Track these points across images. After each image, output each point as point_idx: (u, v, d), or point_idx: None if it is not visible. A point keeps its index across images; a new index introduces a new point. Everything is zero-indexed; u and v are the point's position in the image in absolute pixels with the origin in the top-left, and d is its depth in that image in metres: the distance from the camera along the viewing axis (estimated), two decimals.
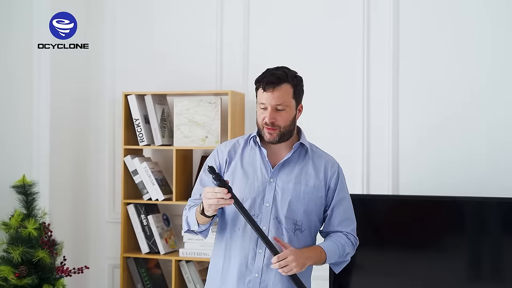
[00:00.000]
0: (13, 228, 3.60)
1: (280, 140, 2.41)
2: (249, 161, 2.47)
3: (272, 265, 2.28)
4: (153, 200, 3.86)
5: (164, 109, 3.97)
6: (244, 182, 2.43)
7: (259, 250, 2.38)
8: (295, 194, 2.41)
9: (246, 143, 2.51)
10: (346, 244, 2.46)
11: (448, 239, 3.53)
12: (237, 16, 4.00)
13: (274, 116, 2.38)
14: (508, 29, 3.59)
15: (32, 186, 3.71)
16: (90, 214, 4.23)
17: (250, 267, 2.39)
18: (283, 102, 2.38)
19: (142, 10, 4.18)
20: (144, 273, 3.92)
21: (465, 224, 3.51)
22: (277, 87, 2.37)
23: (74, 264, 3.78)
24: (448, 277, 3.49)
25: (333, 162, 2.51)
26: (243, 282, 2.39)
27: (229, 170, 2.48)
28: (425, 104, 3.73)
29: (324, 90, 3.81)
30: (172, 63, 4.13)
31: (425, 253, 3.56)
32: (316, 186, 2.44)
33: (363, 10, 3.79)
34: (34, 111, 3.96)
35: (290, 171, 2.44)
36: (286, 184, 2.42)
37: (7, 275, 3.47)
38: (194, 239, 3.78)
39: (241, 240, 2.42)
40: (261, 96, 2.41)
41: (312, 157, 2.48)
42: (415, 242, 3.60)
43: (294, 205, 2.41)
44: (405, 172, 3.75)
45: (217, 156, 2.53)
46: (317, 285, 3.52)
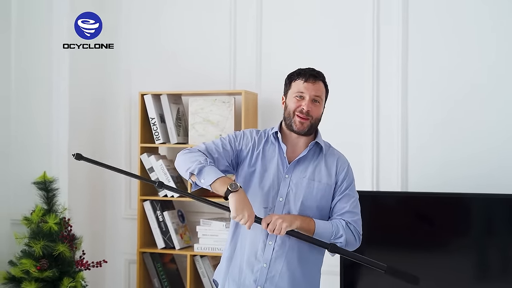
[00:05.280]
0: (34, 223, 3.69)
1: (308, 131, 2.50)
2: (268, 155, 2.53)
3: (270, 232, 2.35)
4: (168, 197, 3.92)
5: (179, 109, 4.04)
6: (262, 174, 2.50)
7: (269, 241, 2.46)
8: (308, 191, 2.47)
9: (268, 137, 2.58)
10: (341, 226, 2.46)
11: (459, 236, 3.53)
12: (250, 19, 4.05)
13: (311, 106, 2.48)
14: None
15: (52, 182, 3.80)
16: (107, 211, 4.30)
17: (259, 257, 2.46)
18: (320, 94, 2.51)
19: (157, 12, 4.24)
20: (160, 268, 3.98)
21: (475, 221, 3.53)
22: (317, 81, 2.51)
23: (92, 259, 3.87)
24: (456, 273, 3.50)
25: (344, 160, 2.58)
26: (251, 271, 2.47)
27: (252, 160, 2.52)
28: (433, 101, 3.74)
29: (335, 87, 3.74)
30: (187, 64, 4.18)
31: (435, 251, 3.56)
32: (329, 184, 2.51)
33: (372, 9, 3.82)
34: (53, 111, 4.05)
35: (304, 169, 2.50)
36: (300, 181, 2.48)
37: (29, 268, 3.57)
38: (208, 235, 3.84)
39: (252, 231, 2.47)
40: (300, 86, 2.50)
41: (325, 156, 2.55)
42: (424, 239, 3.60)
43: (307, 201, 2.47)
44: (414, 168, 3.76)
45: (242, 139, 2.58)
46: (328, 280, 3.55)
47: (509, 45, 3.64)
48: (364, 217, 2.64)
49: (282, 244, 2.46)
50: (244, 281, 2.48)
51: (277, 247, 2.46)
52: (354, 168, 2.66)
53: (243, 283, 2.48)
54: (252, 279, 2.47)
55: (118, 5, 4.30)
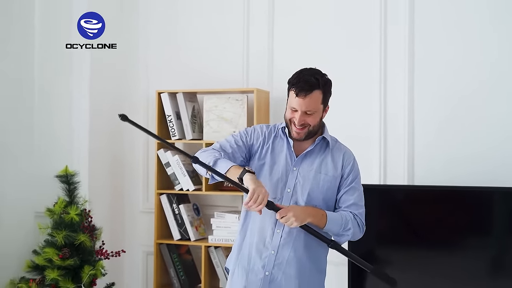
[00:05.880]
0: (57, 214, 3.77)
1: (306, 137, 2.55)
2: (277, 149, 2.61)
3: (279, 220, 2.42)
4: (184, 191, 3.99)
5: (194, 106, 4.11)
6: (270, 167, 2.58)
7: (277, 230, 2.54)
8: (315, 182, 2.55)
9: (277, 132, 2.65)
10: (350, 220, 2.53)
11: (466, 230, 3.58)
12: (262, 20, 4.12)
13: (304, 119, 2.49)
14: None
15: (74, 176, 3.88)
16: (125, 204, 4.38)
17: (267, 244, 2.55)
18: (312, 108, 2.49)
19: (173, 16, 4.32)
20: (176, 258, 4.06)
21: (481, 215, 3.57)
22: (309, 94, 2.46)
23: (111, 250, 3.94)
24: (462, 265, 3.54)
25: (350, 154, 2.64)
26: (260, 257, 2.56)
27: (262, 153, 2.60)
28: (439, 98, 3.79)
29: (344, 85, 3.86)
30: (201, 63, 4.24)
31: (444, 245, 3.60)
32: (335, 176, 2.58)
33: (380, 10, 3.87)
34: (74, 109, 4.12)
35: (311, 162, 2.58)
36: (307, 173, 2.56)
37: (51, 257, 3.66)
38: (222, 227, 3.92)
39: (261, 219, 2.57)
40: (292, 100, 2.50)
41: (332, 150, 2.61)
42: (431, 232, 3.64)
43: (313, 193, 2.55)
44: (420, 163, 3.81)
45: (253, 134, 2.65)
46: (336, 270, 3.70)
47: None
48: (371, 209, 2.72)
49: (289, 232, 2.53)
50: (253, 267, 2.56)
51: (285, 235, 2.53)
52: (363, 162, 2.73)
53: (252, 269, 2.57)
54: (261, 265, 2.55)
55: (135, 7, 4.36)
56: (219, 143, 2.64)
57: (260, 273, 2.56)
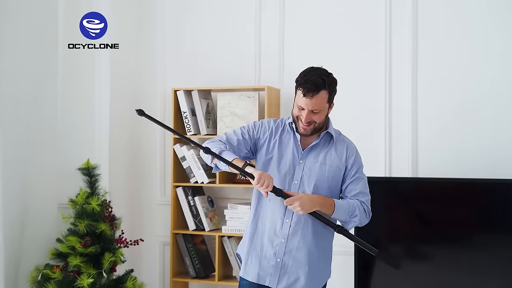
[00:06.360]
0: (79, 204, 3.84)
1: (312, 133, 2.67)
2: (284, 143, 2.73)
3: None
4: (199, 183, 4.08)
5: (208, 103, 4.20)
6: (278, 160, 2.70)
7: (286, 219, 2.67)
8: (320, 173, 2.68)
9: (284, 127, 2.76)
10: (357, 207, 2.65)
11: (470, 221, 3.64)
12: (273, 22, 4.20)
13: (310, 117, 2.61)
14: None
15: (95, 168, 3.93)
16: (143, 196, 4.45)
17: (278, 233, 2.68)
18: (318, 107, 2.59)
19: (187, 18, 4.40)
20: (191, 248, 4.14)
21: (484, 206, 3.63)
22: (316, 95, 2.55)
23: (129, 239, 4.01)
24: (468, 257, 3.63)
25: (352, 147, 2.76)
26: (271, 245, 2.69)
27: (270, 147, 2.72)
28: (441, 97, 3.87)
29: (351, 86, 3.95)
30: (215, 62, 4.32)
31: (448, 236, 3.66)
32: (339, 167, 2.70)
33: (385, 12, 3.96)
34: (96, 106, 4.18)
35: (316, 155, 2.71)
36: (313, 165, 2.69)
37: (74, 244, 3.73)
38: (235, 217, 4.01)
39: (271, 210, 2.70)
40: (300, 99, 2.59)
41: (335, 143, 2.73)
42: (435, 222, 3.70)
43: (319, 183, 2.68)
44: (423, 157, 3.89)
45: (260, 128, 2.77)
46: (343, 260, 3.78)
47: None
48: (377, 200, 2.84)
49: (297, 221, 2.67)
50: (266, 254, 2.70)
51: (293, 224, 2.66)
52: (369, 156, 2.87)
53: (265, 256, 2.70)
54: (272, 253, 2.69)
55: (153, 12, 4.43)
56: (226, 135, 2.76)
57: (272, 260, 2.69)
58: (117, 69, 4.24)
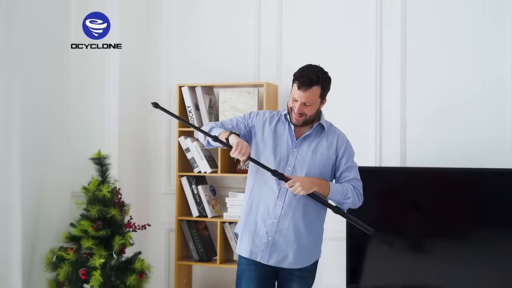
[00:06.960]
0: (91, 191, 3.97)
1: (304, 124, 2.86)
2: (279, 132, 2.90)
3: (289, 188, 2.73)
4: (202, 173, 4.21)
5: (211, 98, 4.32)
6: (274, 147, 2.88)
7: (278, 202, 2.85)
8: (312, 161, 2.86)
9: (280, 117, 2.93)
10: (350, 190, 2.83)
11: (459, 208, 3.71)
12: (271, 22, 4.31)
13: (302, 109, 2.77)
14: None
15: (106, 158, 4.06)
16: (150, 185, 4.57)
17: (270, 214, 2.86)
18: (310, 101, 2.75)
19: (191, 18, 4.53)
20: (194, 233, 4.27)
21: (471, 194, 3.72)
22: (309, 89, 2.72)
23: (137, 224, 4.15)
24: (457, 245, 3.71)
25: (343, 137, 2.94)
26: (264, 224, 2.87)
27: (264, 135, 2.87)
28: (429, 96, 3.97)
29: (344, 82, 4.03)
30: (217, 60, 4.43)
31: (435, 223, 3.74)
32: (330, 156, 2.89)
33: (375, 14, 4.08)
34: (106, 101, 4.31)
35: (309, 144, 2.89)
36: (305, 154, 2.87)
37: (87, 228, 3.87)
38: (235, 205, 4.15)
39: (265, 193, 2.88)
40: (295, 91, 2.75)
41: (327, 133, 2.91)
42: (423, 208, 3.79)
43: (310, 170, 2.86)
44: (410, 149, 4.01)
45: (255, 117, 2.92)
46: (336, 244, 3.92)
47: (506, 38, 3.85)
48: (368, 188, 2.98)
49: (289, 203, 2.85)
50: (258, 232, 2.87)
51: (285, 206, 2.84)
52: (361, 147, 3.07)
53: (257, 234, 2.88)
54: (265, 231, 2.86)
55: (158, 13, 4.54)
56: (221, 121, 2.95)
57: (264, 238, 2.87)
58: (125, 69, 4.32)
